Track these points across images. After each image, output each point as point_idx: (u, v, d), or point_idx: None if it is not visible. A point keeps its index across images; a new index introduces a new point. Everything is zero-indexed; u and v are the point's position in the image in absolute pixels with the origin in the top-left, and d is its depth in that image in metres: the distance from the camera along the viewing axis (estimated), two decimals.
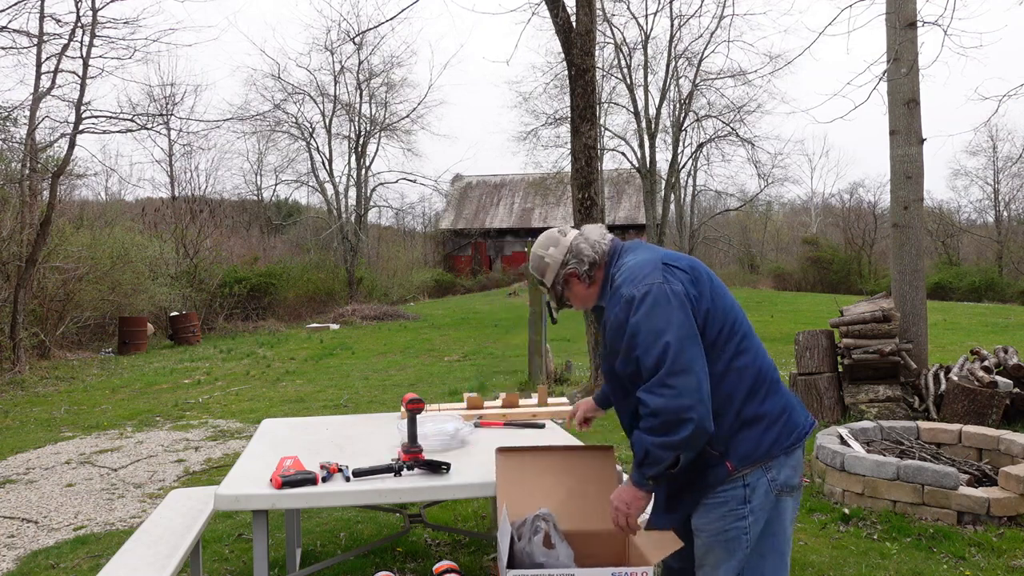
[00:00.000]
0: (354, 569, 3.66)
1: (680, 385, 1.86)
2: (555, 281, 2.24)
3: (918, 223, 6.75)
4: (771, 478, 2.00)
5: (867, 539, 3.95)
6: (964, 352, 7.44)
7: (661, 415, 1.87)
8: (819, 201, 45.73)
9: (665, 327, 1.91)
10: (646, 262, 2.06)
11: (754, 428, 2.00)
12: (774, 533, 2.03)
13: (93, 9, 12.14)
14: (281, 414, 7.76)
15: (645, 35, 26.13)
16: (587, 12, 7.96)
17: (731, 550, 2.01)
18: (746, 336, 2.06)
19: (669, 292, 1.96)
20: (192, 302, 17.86)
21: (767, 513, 2.01)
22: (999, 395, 5.60)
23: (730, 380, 1.99)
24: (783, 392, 2.09)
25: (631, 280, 2.03)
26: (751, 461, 1.98)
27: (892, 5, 6.77)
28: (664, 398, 1.86)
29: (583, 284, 2.21)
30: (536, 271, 2.29)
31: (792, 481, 2.03)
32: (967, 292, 25.70)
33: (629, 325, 1.97)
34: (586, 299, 2.24)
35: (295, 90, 27.53)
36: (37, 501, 5.12)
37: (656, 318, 1.93)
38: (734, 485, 1.99)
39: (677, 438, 1.87)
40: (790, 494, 2.04)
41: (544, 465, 2.47)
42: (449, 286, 33.60)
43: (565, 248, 2.21)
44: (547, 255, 2.24)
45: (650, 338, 1.91)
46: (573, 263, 2.19)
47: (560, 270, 2.21)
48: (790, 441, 2.02)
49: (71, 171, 14.06)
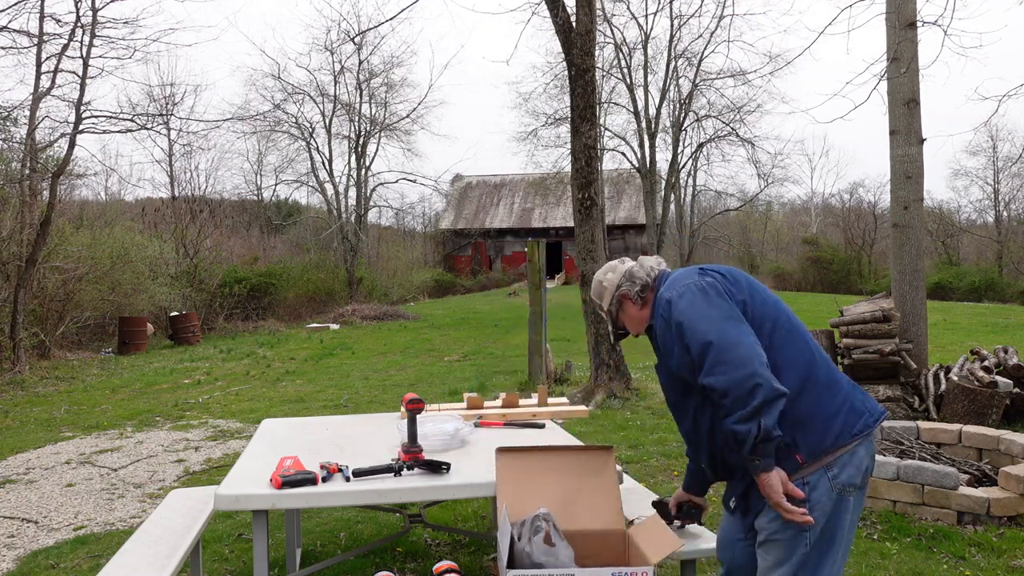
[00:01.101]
0: (354, 569, 3.66)
1: (733, 358, 1.93)
2: (611, 304, 2.36)
3: (918, 223, 6.75)
4: (832, 475, 2.01)
5: (867, 539, 3.95)
6: (964, 352, 7.44)
7: (731, 392, 1.91)
8: (819, 201, 45.82)
9: (706, 312, 2.02)
10: (684, 271, 2.22)
11: (816, 419, 2.02)
12: (834, 532, 2.04)
13: (93, 9, 12.15)
14: (281, 414, 7.76)
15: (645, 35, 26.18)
16: (587, 12, 7.96)
17: (791, 548, 2.03)
18: (790, 333, 2.10)
19: (704, 285, 2.09)
20: (192, 302, 17.86)
21: (827, 512, 2.01)
22: (999, 395, 5.60)
23: (778, 375, 2.01)
24: (845, 384, 2.11)
25: (670, 286, 2.18)
26: (818, 454, 2.00)
27: (892, 5, 6.78)
28: (725, 375, 1.92)
29: (636, 306, 2.32)
30: (596, 296, 2.42)
31: (855, 480, 2.03)
32: (967, 292, 25.70)
33: (673, 322, 2.07)
34: (639, 321, 2.34)
35: (295, 90, 27.58)
36: (37, 501, 5.12)
37: (697, 307, 2.04)
38: (797, 483, 2.00)
39: (752, 405, 1.89)
40: (852, 493, 2.04)
41: (544, 465, 2.47)
42: (449, 286, 33.61)
43: (621, 273, 2.35)
44: (605, 280, 2.38)
45: (694, 325, 2.01)
46: (626, 285, 2.32)
47: (615, 292, 2.34)
48: (854, 432, 2.03)
49: (71, 171, 14.07)
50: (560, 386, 8.69)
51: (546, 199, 35.58)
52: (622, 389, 7.83)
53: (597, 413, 7.24)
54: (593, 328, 8.15)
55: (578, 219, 8.22)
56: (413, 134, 30.61)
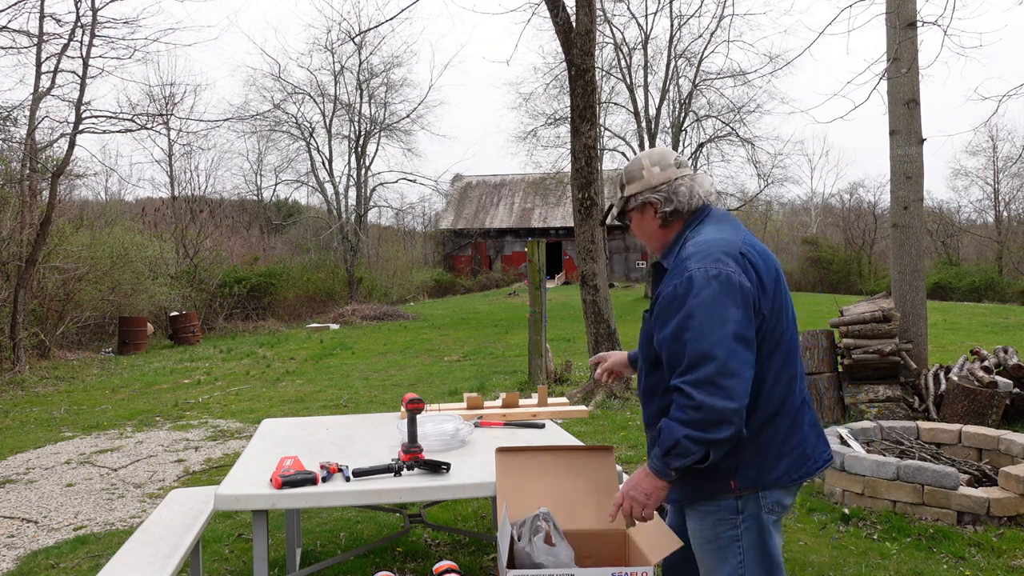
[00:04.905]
0: (354, 569, 3.66)
1: (731, 388, 1.78)
2: (634, 196, 2.09)
3: (918, 223, 6.75)
4: (763, 496, 1.96)
5: (867, 539, 3.95)
6: (964, 352, 7.45)
7: (705, 411, 1.77)
8: (819, 201, 45.80)
9: (725, 320, 1.81)
10: (724, 241, 1.93)
11: (767, 455, 1.94)
12: (764, 544, 1.99)
13: (93, 9, 12.15)
14: (281, 414, 7.76)
15: (645, 35, 26.14)
16: (587, 12, 7.97)
17: (723, 557, 1.99)
18: (787, 356, 1.96)
19: (738, 284, 1.85)
20: (192, 302, 17.86)
21: (757, 525, 1.97)
22: (999, 395, 5.60)
23: (753, 399, 1.91)
24: (807, 424, 2.01)
25: (703, 255, 1.89)
26: (752, 487, 1.94)
27: (892, 5, 6.77)
28: (714, 397, 1.77)
29: (656, 220, 2.07)
30: (627, 174, 2.13)
31: (785, 502, 1.99)
32: (967, 292, 25.71)
33: (687, 305, 1.84)
34: (649, 235, 2.12)
35: (295, 90, 27.58)
36: (37, 501, 5.12)
37: (718, 307, 1.82)
38: (726, 501, 1.96)
39: (714, 437, 1.79)
40: (781, 514, 2.00)
41: (544, 465, 2.46)
42: (449, 286, 33.61)
43: (667, 178, 2.05)
44: (647, 170, 2.08)
45: (706, 327, 1.81)
46: (663, 194, 2.04)
47: (648, 193, 2.06)
48: (796, 476, 1.96)
49: (71, 171, 14.06)
50: (560, 386, 8.69)
51: (546, 199, 35.57)
52: (622, 389, 7.83)
53: (597, 413, 7.24)
54: (593, 328, 8.15)
55: (578, 219, 8.22)
56: (413, 134, 30.69)
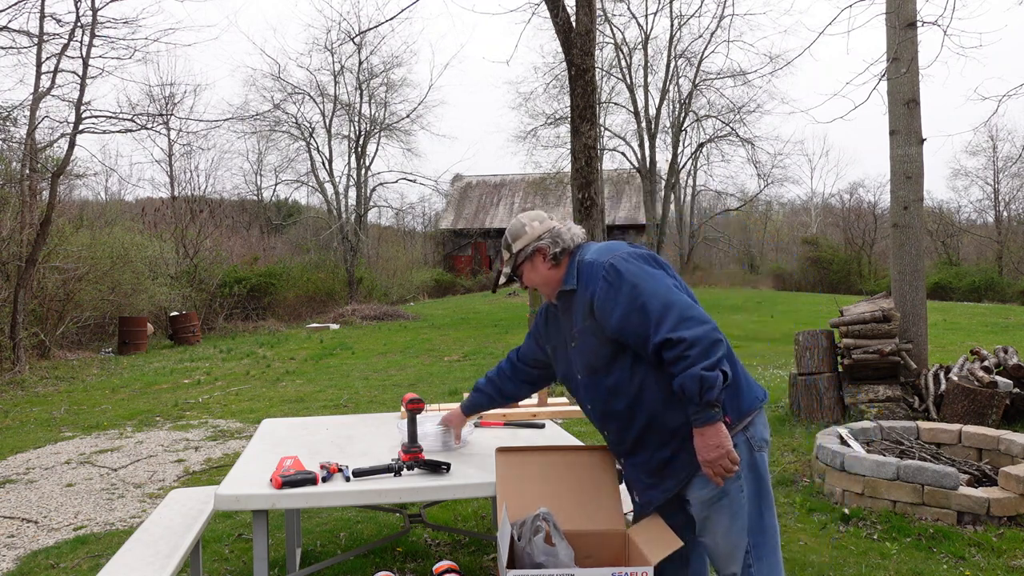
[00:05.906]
0: (354, 569, 3.66)
1: (697, 315, 2.04)
2: (523, 249, 2.35)
3: (918, 223, 6.75)
4: (749, 436, 2.16)
5: (867, 539, 3.95)
6: (964, 352, 7.44)
7: (700, 342, 2.00)
8: (819, 201, 45.75)
9: (657, 277, 2.13)
10: (611, 243, 2.29)
11: (738, 386, 2.18)
12: (762, 484, 2.19)
13: (93, 9, 12.14)
14: (281, 414, 7.76)
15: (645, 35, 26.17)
16: (587, 12, 7.97)
17: (735, 511, 2.13)
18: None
19: (646, 255, 2.21)
20: (192, 302, 17.85)
21: (754, 468, 2.17)
22: (999, 395, 5.60)
23: None
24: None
25: (606, 252, 2.21)
26: (740, 416, 2.15)
27: (892, 5, 6.77)
28: (695, 328, 2.01)
29: (547, 264, 2.33)
30: (510, 235, 2.40)
31: (765, 435, 2.22)
32: (967, 292, 25.70)
33: (625, 282, 2.11)
34: (545, 280, 2.36)
35: (295, 90, 27.53)
36: (37, 501, 5.12)
37: (648, 272, 2.13)
38: None
39: (718, 355, 2.01)
40: (764, 448, 2.21)
41: (544, 465, 2.47)
42: (449, 286, 33.58)
43: (547, 228, 2.35)
44: (529, 226, 2.37)
45: (651, 285, 2.09)
46: (547, 240, 2.32)
47: (534, 242, 2.34)
48: (760, 397, 2.23)
49: (71, 171, 14.06)
50: (560, 386, 8.68)
51: (546, 199, 35.55)
52: None
53: None
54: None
55: (578, 219, 8.22)
56: (413, 134, 30.62)
